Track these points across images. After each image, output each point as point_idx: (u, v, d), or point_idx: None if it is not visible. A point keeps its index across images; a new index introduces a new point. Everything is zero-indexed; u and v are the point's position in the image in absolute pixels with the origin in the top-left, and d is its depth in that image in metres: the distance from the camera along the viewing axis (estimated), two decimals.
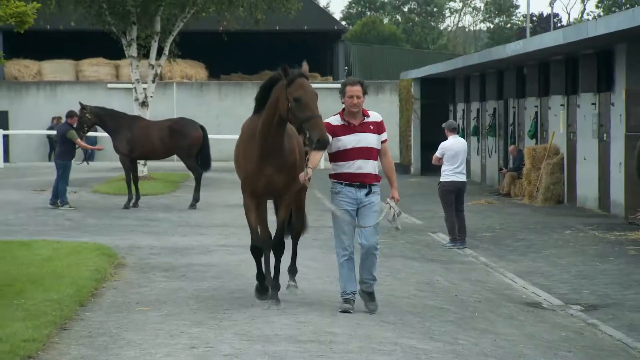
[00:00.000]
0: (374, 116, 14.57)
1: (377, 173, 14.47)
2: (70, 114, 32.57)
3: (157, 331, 13.85)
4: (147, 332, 13.83)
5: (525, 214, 32.37)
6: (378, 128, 14.49)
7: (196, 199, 32.27)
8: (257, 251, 15.32)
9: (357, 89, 14.22)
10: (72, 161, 32.44)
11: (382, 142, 14.55)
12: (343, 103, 14.44)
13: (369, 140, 14.35)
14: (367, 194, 14.39)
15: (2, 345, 12.38)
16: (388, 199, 14.41)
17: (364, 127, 14.37)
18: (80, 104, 33.41)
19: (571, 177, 35.58)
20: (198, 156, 32.69)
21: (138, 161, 35.75)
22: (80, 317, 14.82)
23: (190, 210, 31.30)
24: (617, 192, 31.09)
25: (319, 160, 14.12)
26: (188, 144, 32.55)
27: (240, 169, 15.33)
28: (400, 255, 20.36)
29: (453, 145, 23.67)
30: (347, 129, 14.34)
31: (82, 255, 20.46)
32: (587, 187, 34.08)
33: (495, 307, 16.43)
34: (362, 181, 14.35)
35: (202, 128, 33.14)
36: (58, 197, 32.06)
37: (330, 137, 14.07)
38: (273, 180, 14.78)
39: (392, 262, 19.82)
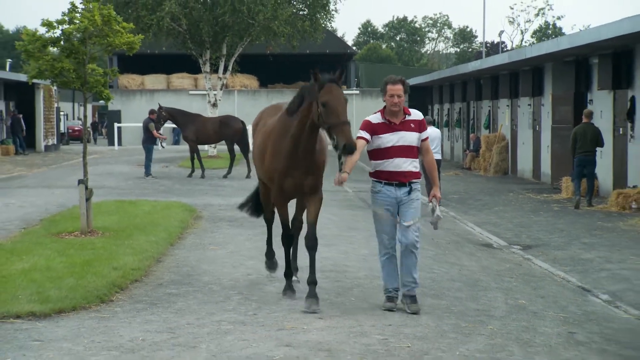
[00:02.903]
0: (415, 114, 10.87)
1: (417, 171, 10.78)
2: (151, 112, 33.11)
3: (223, 263, 13.91)
4: (216, 264, 13.89)
5: (482, 182, 32.34)
6: (419, 126, 10.78)
7: (229, 172, 32.73)
8: (288, 240, 11.70)
9: (399, 88, 10.64)
10: (156, 144, 33.16)
11: (423, 140, 10.82)
12: (384, 101, 10.77)
13: (409, 138, 10.66)
14: (407, 193, 10.73)
15: (117, 272, 12.51)
16: (430, 199, 11.11)
17: (405, 126, 10.68)
18: (159, 105, 33.88)
19: (514, 156, 35.63)
20: (240, 143, 32.88)
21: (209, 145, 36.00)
22: (171, 253, 14.89)
23: (247, 179, 31.09)
24: (546, 166, 31.18)
25: (355, 162, 10.33)
26: (231, 133, 32.85)
27: (266, 167, 11.34)
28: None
29: (431, 133, 23.62)
30: (388, 127, 10.65)
31: (171, 210, 20.54)
32: (524, 163, 34.10)
33: (460, 247, 16.41)
34: (401, 180, 10.66)
35: (242, 122, 33.27)
36: (149, 170, 32.57)
37: (369, 136, 10.66)
38: (301, 183, 10.95)
39: None
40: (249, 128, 17.39)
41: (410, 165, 10.70)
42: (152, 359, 8.58)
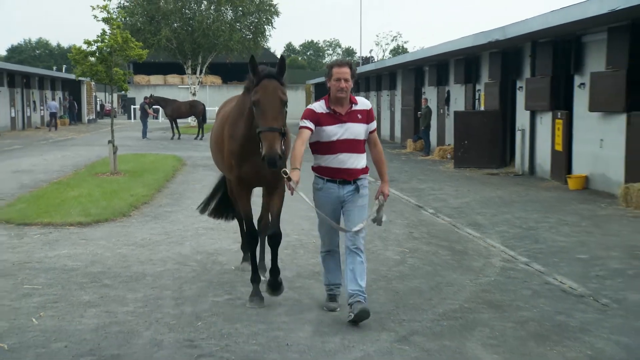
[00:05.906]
0: (363, 103, 6.07)
1: (363, 166, 6.05)
2: (145, 98, 33.18)
3: (200, 192, 13.70)
4: (195, 192, 13.74)
5: None
6: (367, 117, 6.00)
7: (202, 134, 32.32)
8: (253, 241, 6.42)
9: (346, 71, 5.93)
10: (147, 119, 33.40)
11: (371, 132, 6.07)
12: (328, 87, 6.01)
13: (355, 131, 5.91)
14: (352, 191, 5.99)
15: (133, 197, 12.43)
16: (377, 195, 6.15)
17: (352, 117, 5.93)
18: (151, 94, 33.94)
19: (378, 126, 35.46)
20: (202, 117, 33.01)
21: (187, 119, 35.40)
22: (166, 187, 14.72)
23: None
24: (397, 132, 31.40)
25: (302, 155, 5.74)
26: (197, 111, 33.14)
27: (225, 151, 6.35)
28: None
29: None
30: (333, 118, 5.89)
31: (168, 160, 20.30)
32: (385, 130, 34.20)
33: None
34: (345, 177, 5.94)
35: (203, 104, 33.66)
36: (145, 135, 32.39)
37: (313, 125, 5.83)
38: (261, 172, 6.05)
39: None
40: (209, 109, 17.25)
41: (355, 161, 6.00)
42: (155, 250, 8.55)
